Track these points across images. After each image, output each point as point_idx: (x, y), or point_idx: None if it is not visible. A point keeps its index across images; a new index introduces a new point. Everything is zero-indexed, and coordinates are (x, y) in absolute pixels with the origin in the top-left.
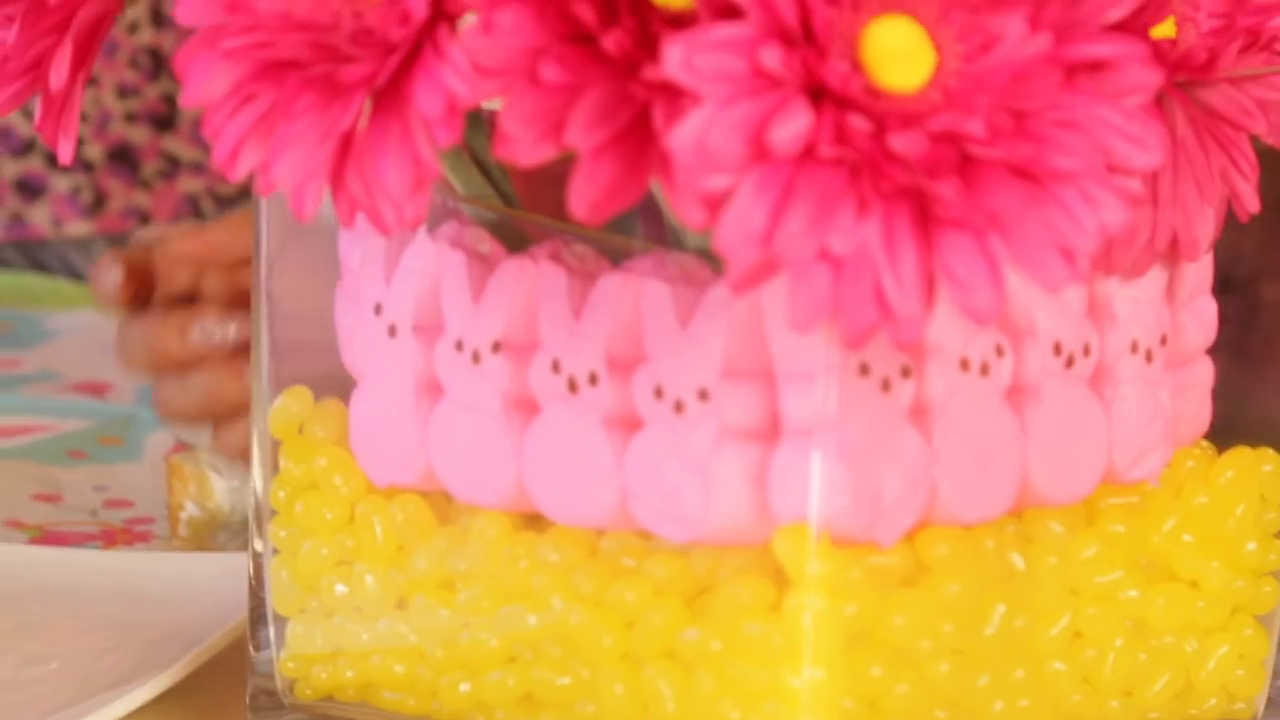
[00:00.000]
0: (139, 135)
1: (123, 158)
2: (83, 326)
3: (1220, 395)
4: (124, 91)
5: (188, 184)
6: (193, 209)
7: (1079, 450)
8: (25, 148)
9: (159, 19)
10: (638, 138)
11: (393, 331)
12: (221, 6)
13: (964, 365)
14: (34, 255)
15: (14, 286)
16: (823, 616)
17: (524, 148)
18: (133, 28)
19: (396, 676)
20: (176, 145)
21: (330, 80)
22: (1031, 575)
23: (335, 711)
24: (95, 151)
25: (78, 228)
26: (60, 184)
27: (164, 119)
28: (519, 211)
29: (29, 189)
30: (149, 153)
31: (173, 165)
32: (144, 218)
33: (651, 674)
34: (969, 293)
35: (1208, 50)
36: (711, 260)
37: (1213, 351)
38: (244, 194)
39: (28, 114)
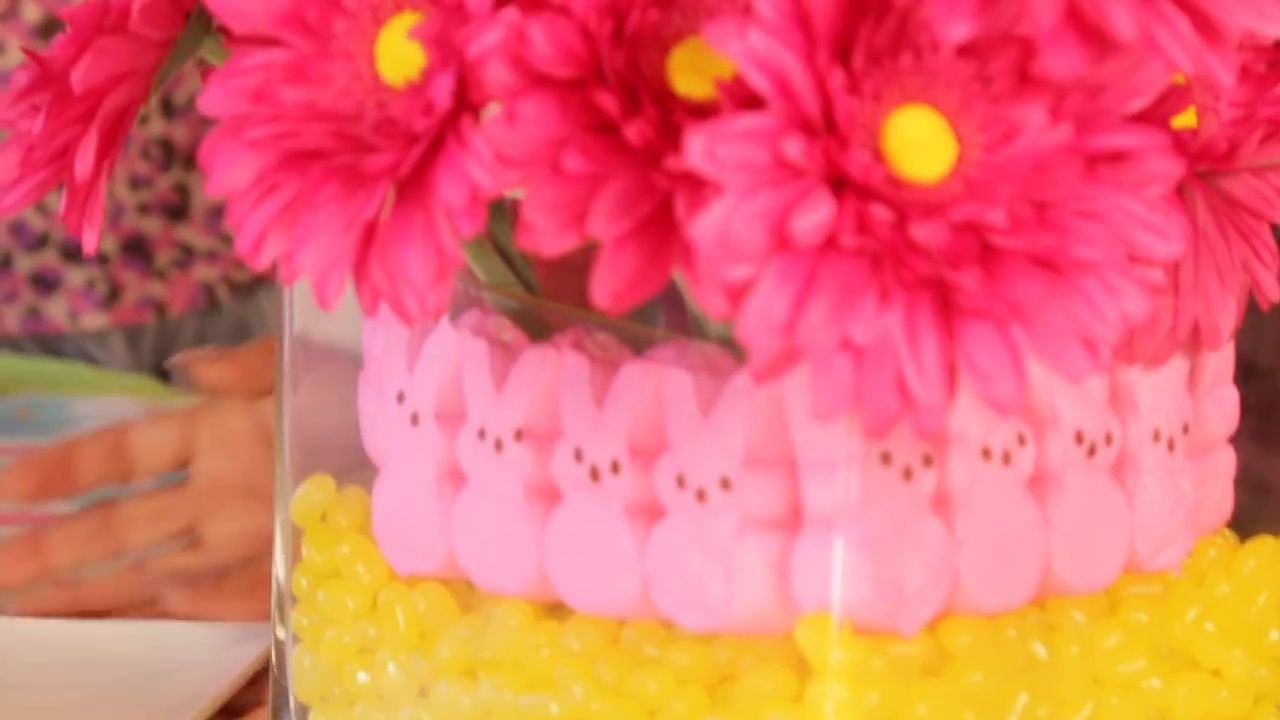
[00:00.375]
0: (152, 226)
1: (137, 249)
2: (107, 413)
3: (1242, 484)
4: (136, 183)
5: (202, 272)
6: (208, 297)
7: (1101, 539)
8: (39, 242)
9: (169, 109)
10: (660, 227)
11: (415, 420)
12: (246, 97)
13: (986, 454)
14: (52, 348)
15: (35, 372)
16: (845, 706)
17: (547, 237)
18: (143, 119)
19: None
20: (190, 234)
21: (354, 170)
22: (1054, 664)
23: None
24: (109, 243)
25: (94, 320)
26: (75, 277)
27: (177, 208)
28: (541, 300)
29: (44, 283)
30: (163, 242)
31: (187, 254)
32: (159, 308)
33: None
34: (991, 383)
35: (1229, 140)
36: (734, 349)
37: (1235, 440)
38: (260, 281)
39: (41, 209)
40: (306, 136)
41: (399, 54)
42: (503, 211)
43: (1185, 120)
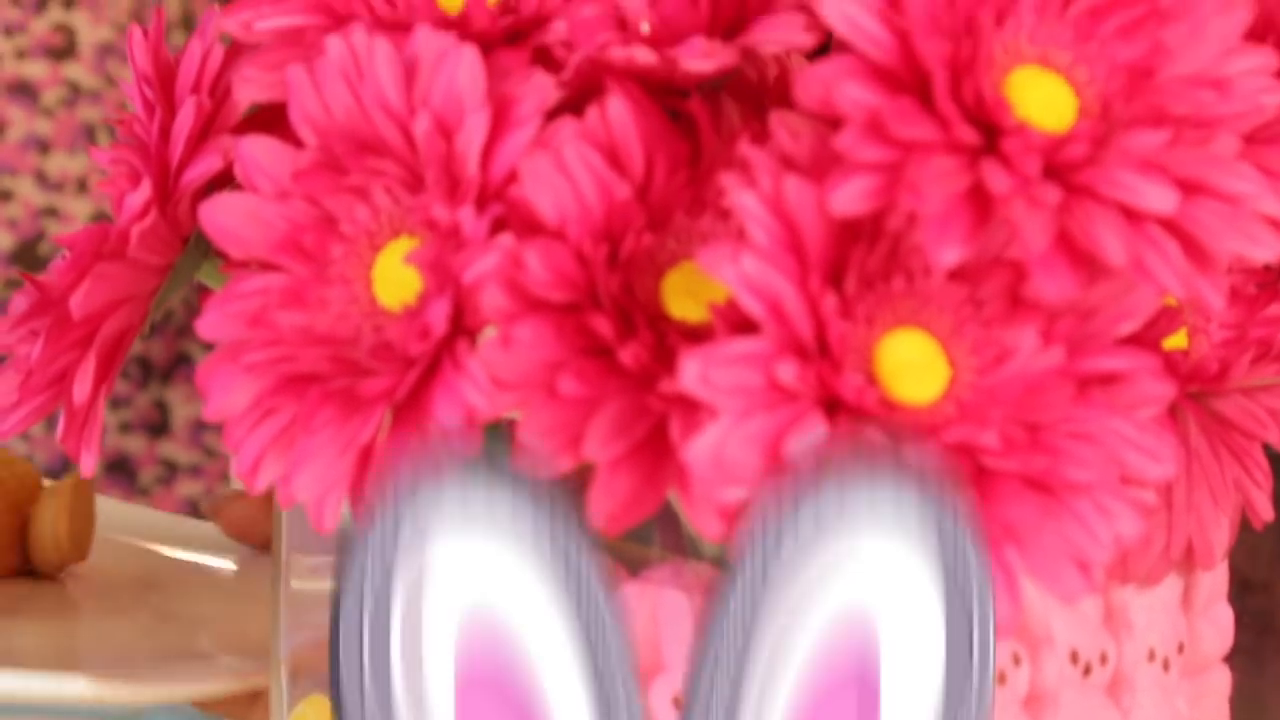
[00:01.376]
0: (134, 445)
1: (120, 468)
2: None
3: (1237, 702)
4: (116, 403)
5: (186, 488)
6: (192, 512)
7: None
8: None
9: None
10: (655, 450)
11: None
12: (244, 321)
13: None
14: None
15: None
16: None
17: (542, 460)
18: None
19: None
20: (173, 450)
21: (351, 394)
22: None
23: None
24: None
25: None
26: None
27: (157, 425)
28: None
29: None
30: (145, 460)
31: (170, 470)
32: None
33: None
34: None
35: (1220, 361)
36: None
37: (1229, 658)
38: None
39: (24, 437)
40: (303, 360)
41: (396, 279)
42: (499, 432)
43: (1176, 342)
